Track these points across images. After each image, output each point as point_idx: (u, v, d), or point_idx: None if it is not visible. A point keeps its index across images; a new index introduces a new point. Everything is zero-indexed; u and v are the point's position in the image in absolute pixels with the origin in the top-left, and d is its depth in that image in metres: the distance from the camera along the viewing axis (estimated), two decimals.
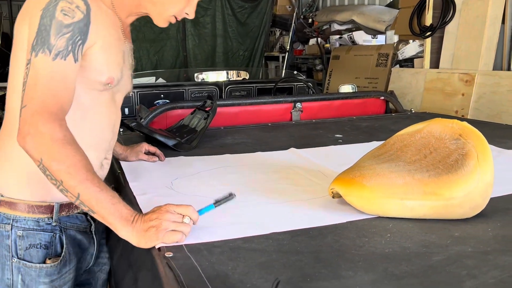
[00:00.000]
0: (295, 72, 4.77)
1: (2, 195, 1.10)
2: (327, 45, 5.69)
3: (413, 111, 2.70)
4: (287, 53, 6.35)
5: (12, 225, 1.09)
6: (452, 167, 1.02)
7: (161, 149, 1.59)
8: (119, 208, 0.91)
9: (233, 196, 0.97)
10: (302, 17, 6.57)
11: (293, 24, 6.33)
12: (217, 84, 3.58)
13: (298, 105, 2.46)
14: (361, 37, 5.09)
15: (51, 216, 1.11)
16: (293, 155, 1.65)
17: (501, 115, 2.65)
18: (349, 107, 2.62)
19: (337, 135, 2.02)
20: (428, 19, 3.32)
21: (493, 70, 2.91)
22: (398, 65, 3.99)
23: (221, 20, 5.66)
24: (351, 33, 5.21)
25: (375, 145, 1.23)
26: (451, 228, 0.98)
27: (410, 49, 3.96)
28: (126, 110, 3.11)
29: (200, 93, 3.37)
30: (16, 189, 1.10)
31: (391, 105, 2.73)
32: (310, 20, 6.28)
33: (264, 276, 0.77)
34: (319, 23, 5.96)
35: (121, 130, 1.93)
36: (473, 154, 1.03)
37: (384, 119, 2.42)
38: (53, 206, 1.11)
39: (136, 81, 3.71)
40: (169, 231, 0.88)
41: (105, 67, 1.08)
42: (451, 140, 1.08)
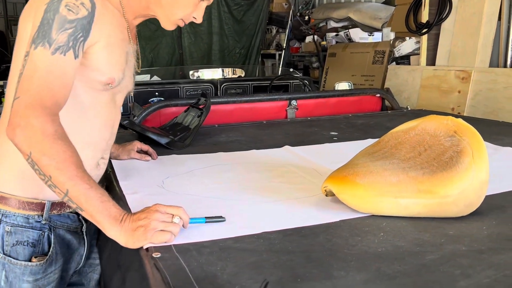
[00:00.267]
0: (291, 70, 4.75)
1: None
2: (324, 42, 5.66)
3: (409, 108, 2.69)
4: (283, 51, 6.33)
5: (1, 220, 1.07)
6: (446, 164, 1.01)
7: (154, 148, 1.57)
8: (108, 207, 0.90)
9: (223, 219, 0.97)
10: (298, 14, 6.54)
11: (289, 22, 6.30)
12: (212, 81, 3.56)
13: (293, 102, 2.44)
14: (357, 35, 5.07)
15: (41, 214, 1.10)
16: (287, 153, 1.64)
17: (498, 112, 2.64)
18: (344, 104, 2.61)
19: (332, 133, 2.00)
20: (425, 16, 3.30)
21: (489, 67, 2.90)
22: (394, 62, 3.98)
23: (217, 17, 5.64)
24: (347, 31, 5.19)
25: (370, 142, 1.21)
26: (445, 226, 0.96)
27: (407, 46, 3.94)
28: (121, 108, 3.08)
29: (195, 91, 3.35)
30: (9, 184, 1.09)
31: (387, 102, 2.72)
32: (306, 18, 6.25)
33: (253, 276, 0.75)
34: (315, 21, 5.94)
35: None
36: (468, 151, 1.01)
37: (379, 117, 2.41)
38: (44, 204, 1.10)
39: None
40: (157, 231, 0.86)
41: (106, 67, 1.07)
42: (445, 137, 1.07)
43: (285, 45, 6.38)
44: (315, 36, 5.83)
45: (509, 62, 2.88)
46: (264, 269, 0.78)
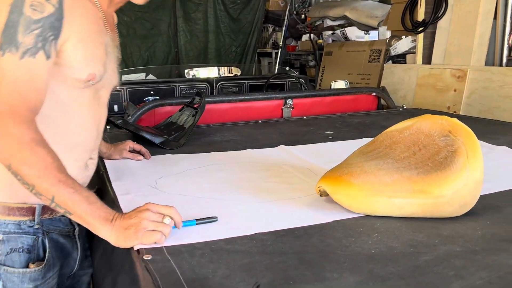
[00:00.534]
0: (287, 69, 4.74)
1: None
2: (320, 41, 5.65)
3: (405, 107, 2.68)
4: (280, 49, 6.31)
5: None
6: (441, 164, 1.00)
7: (148, 147, 1.55)
8: (97, 208, 0.88)
9: (216, 219, 0.97)
10: (295, 12, 6.53)
11: (286, 20, 6.28)
12: (208, 80, 3.55)
13: (289, 101, 2.43)
14: (353, 33, 5.05)
15: (33, 219, 1.06)
16: (282, 153, 1.63)
17: (493, 110, 2.64)
18: (340, 103, 2.60)
19: (328, 132, 1.99)
20: (421, 15, 3.30)
21: (485, 65, 2.90)
22: (390, 61, 3.97)
23: (213, 16, 5.60)
24: (344, 29, 5.18)
25: (365, 141, 1.21)
26: (439, 226, 0.96)
27: (403, 44, 3.94)
28: (116, 107, 3.07)
29: (190, 90, 3.34)
30: None
31: (383, 101, 2.71)
32: (303, 16, 6.24)
33: (245, 279, 0.74)
34: (312, 19, 5.92)
35: (107, 127, 1.89)
36: (462, 151, 1.01)
37: (375, 116, 2.40)
38: (34, 208, 1.06)
39: (126, 77, 3.67)
40: (148, 230, 0.85)
41: (83, 63, 1.03)
42: (440, 136, 1.06)
43: (281, 43, 6.36)
44: (312, 35, 5.81)
45: (504, 61, 2.88)
46: (256, 271, 0.77)
